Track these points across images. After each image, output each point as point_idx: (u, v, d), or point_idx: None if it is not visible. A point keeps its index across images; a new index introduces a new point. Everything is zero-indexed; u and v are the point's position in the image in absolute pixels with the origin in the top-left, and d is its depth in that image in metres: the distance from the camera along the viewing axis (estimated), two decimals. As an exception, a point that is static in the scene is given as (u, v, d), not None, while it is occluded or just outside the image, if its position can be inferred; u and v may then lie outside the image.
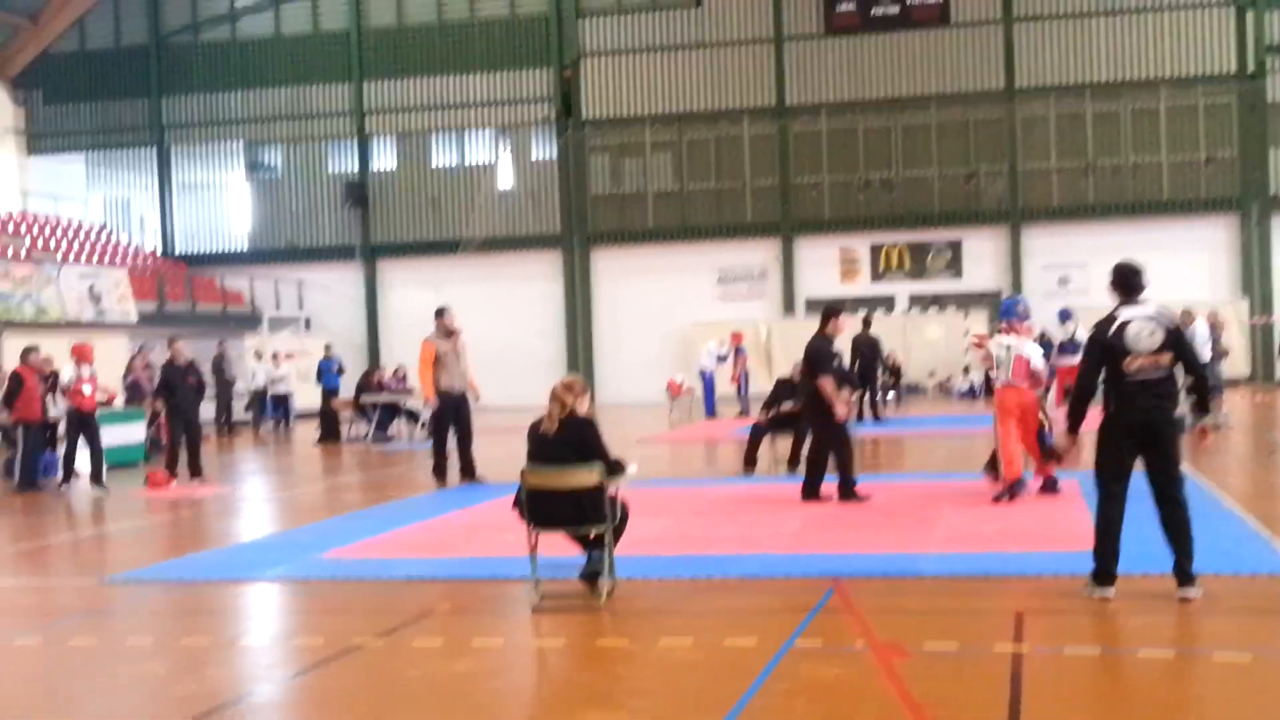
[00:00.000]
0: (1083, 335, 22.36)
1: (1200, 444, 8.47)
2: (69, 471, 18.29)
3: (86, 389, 18.10)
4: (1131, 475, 8.32)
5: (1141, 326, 8.20)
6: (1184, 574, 8.16)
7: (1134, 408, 8.18)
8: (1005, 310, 13.87)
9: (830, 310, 13.96)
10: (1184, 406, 10.91)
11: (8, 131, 41.44)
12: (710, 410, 29.47)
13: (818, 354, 13.44)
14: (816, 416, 13.56)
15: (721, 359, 29.61)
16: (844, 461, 13.29)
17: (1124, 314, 8.28)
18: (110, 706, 6.88)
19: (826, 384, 13.26)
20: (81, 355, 18.27)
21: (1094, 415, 8.42)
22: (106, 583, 10.36)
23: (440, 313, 16.87)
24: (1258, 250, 35.92)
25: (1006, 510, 12.36)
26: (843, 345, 24.79)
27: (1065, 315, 22.54)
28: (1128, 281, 8.43)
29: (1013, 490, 12.82)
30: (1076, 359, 22.44)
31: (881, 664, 6.92)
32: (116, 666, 7.70)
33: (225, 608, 9.58)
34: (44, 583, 11.24)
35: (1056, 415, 21.91)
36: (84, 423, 18.13)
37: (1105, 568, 8.27)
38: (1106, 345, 8.24)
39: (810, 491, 13.42)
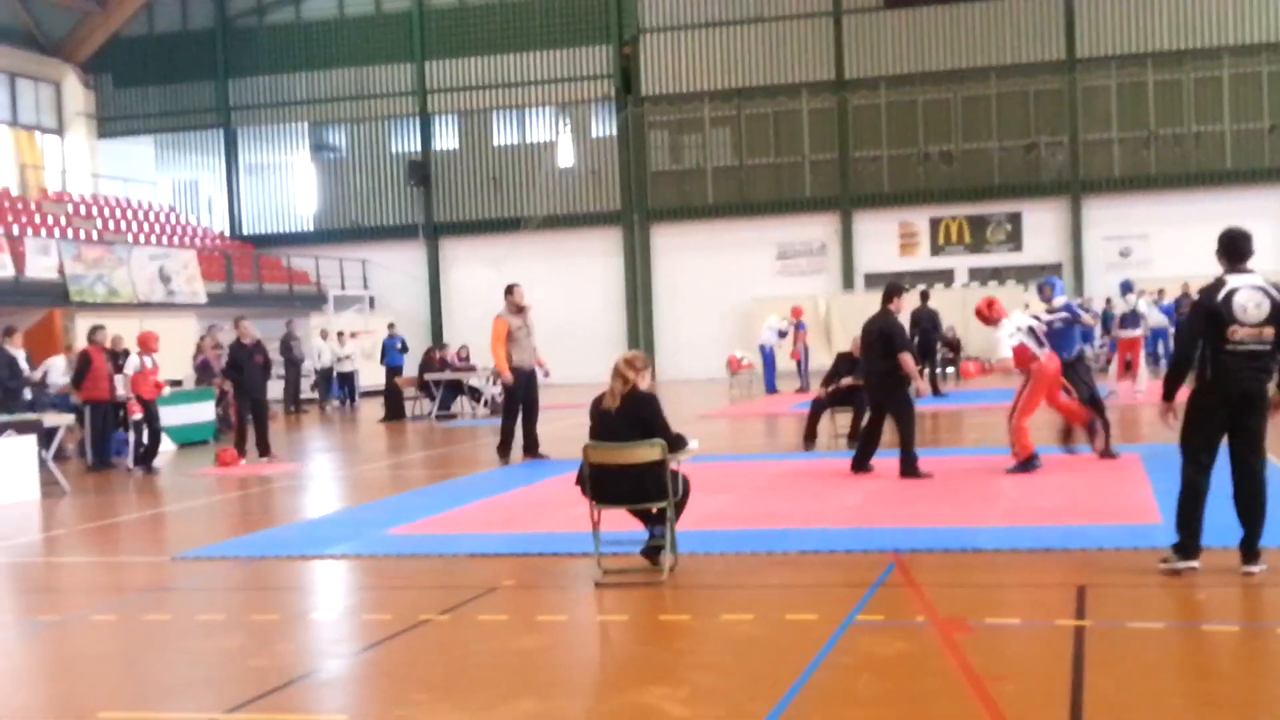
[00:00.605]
0: (1144, 308, 22.26)
1: (1272, 415, 8.28)
2: (138, 456, 18.55)
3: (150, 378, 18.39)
4: (1219, 447, 8.15)
5: (1249, 296, 7.94)
6: (1251, 549, 8.08)
7: (1234, 379, 7.95)
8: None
9: (893, 288, 13.93)
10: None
11: (79, 115, 41.98)
12: (770, 386, 29.45)
13: (891, 331, 13.38)
14: (882, 393, 13.54)
15: (782, 334, 29.55)
16: (907, 437, 13.29)
17: (1232, 282, 8.02)
18: (186, 680, 7.03)
19: (908, 360, 13.29)
20: (146, 346, 18.51)
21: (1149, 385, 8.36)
22: (177, 559, 10.57)
23: (510, 289, 16.92)
24: (1325, 220, 35.33)
25: (1067, 483, 12.30)
26: (902, 320, 24.73)
27: (1127, 287, 22.30)
28: (1236, 248, 8.15)
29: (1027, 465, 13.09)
30: (1138, 331, 22.43)
31: (943, 638, 6.93)
32: (190, 641, 7.88)
33: (293, 584, 9.75)
34: (117, 560, 11.49)
35: (1118, 388, 21.89)
36: (145, 409, 18.37)
37: (1190, 540, 8.11)
38: (1212, 312, 7.97)
39: (861, 464, 13.57)
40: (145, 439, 18.48)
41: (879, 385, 13.59)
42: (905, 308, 14.20)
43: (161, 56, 42.64)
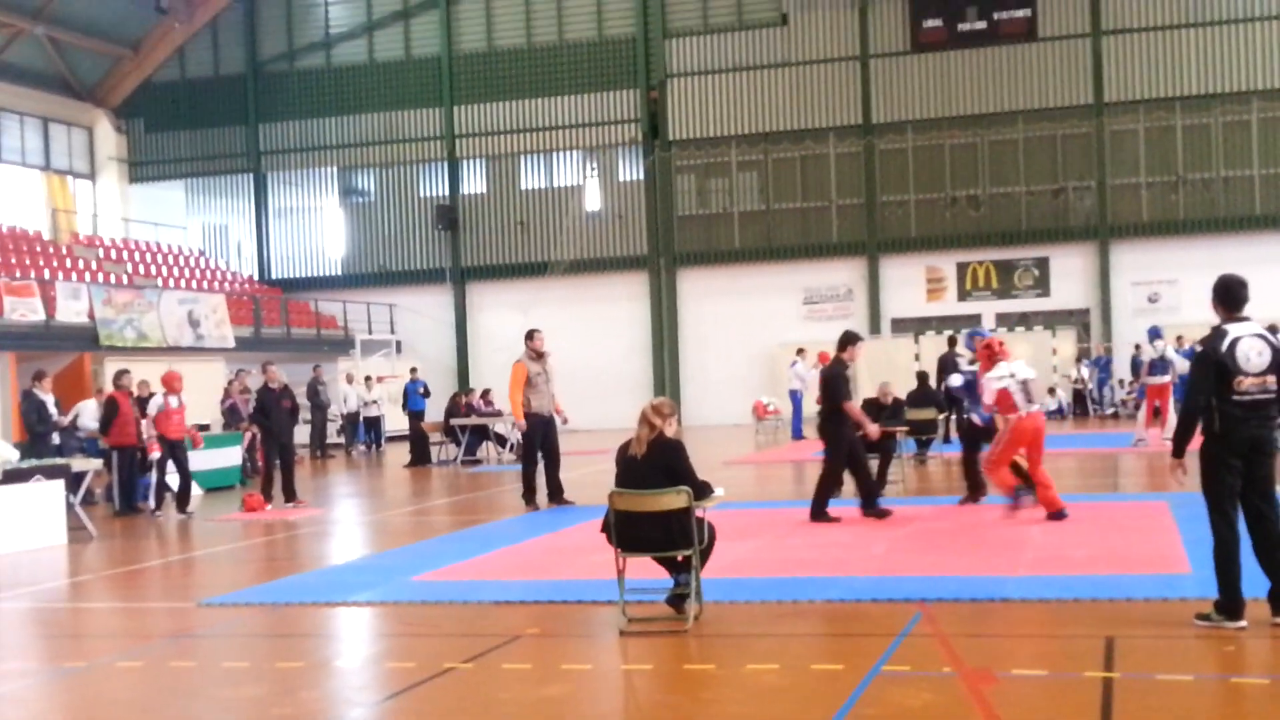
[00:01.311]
0: (1171, 354, 22.15)
1: None
2: (160, 498, 18.62)
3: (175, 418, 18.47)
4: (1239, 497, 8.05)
5: (1251, 345, 7.91)
6: None
7: (1242, 429, 7.89)
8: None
9: (845, 338, 14.40)
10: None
11: (110, 160, 42.42)
12: (797, 432, 29.40)
13: (831, 381, 13.94)
14: (824, 438, 14.15)
15: (802, 380, 29.63)
16: (823, 479, 13.91)
17: (1233, 331, 7.97)
18: (209, 728, 7.05)
19: (853, 409, 13.89)
20: (170, 385, 18.60)
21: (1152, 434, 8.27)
22: (203, 605, 10.59)
23: (531, 335, 17.03)
24: (1355, 265, 35.13)
25: (1095, 532, 12.22)
26: (928, 364, 24.72)
27: (1155, 334, 22.19)
28: (1234, 295, 8.10)
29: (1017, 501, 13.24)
30: (1166, 378, 22.32)
31: (970, 690, 6.89)
32: (215, 689, 7.89)
33: (318, 631, 9.75)
34: (142, 605, 11.50)
35: (1147, 435, 21.78)
36: (171, 450, 18.46)
37: (1233, 597, 7.94)
38: (1219, 363, 7.90)
39: (870, 507, 13.96)
40: (161, 480, 18.55)
41: (820, 427, 14.26)
42: (861, 358, 14.58)
43: (193, 102, 43.10)
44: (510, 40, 41.22)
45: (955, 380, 15.32)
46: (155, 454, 18.32)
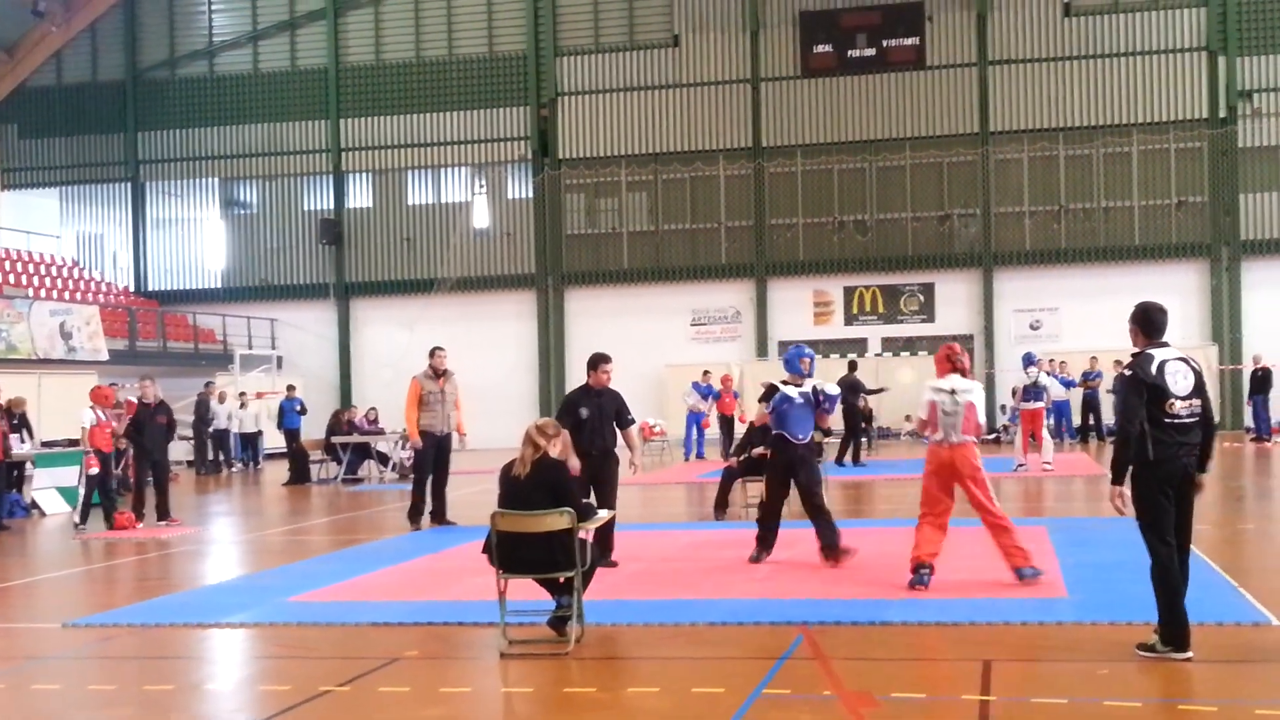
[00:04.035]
0: (1045, 380, 22.49)
1: (1197, 493, 8.22)
2: (85, 514, 18.09)
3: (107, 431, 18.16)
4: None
5: (1176, 368, 7.86)
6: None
7: (1174, 456, 7.81)
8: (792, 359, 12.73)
9: (590, 360, 13.03)
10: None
11: (-20, 166, 41.38)
12: (690, 453, 29.49)
13: (560, 405, 13.51)
14: None
15: (704, 395, 29.71)
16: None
17: (1159, 355, 7.90)
18: (70, 754, 6.81)
19: (565, 436, 13.02)
20: (101, 400, 18.27)
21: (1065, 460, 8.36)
22: (69, 626, 10.25)
23: (432, 353, 16.94)
24: (1228, 295, 36.18)
25: (975, 557, 12.31)
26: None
27: (1029, 360, 22.48)
28: (1153, 322, 8.04)
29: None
30: (1039, 404, 22.60)
31: (850, 712, 6.90)
32: (79, 712, 7.66)
33: (189, 653, 9.50)
34: (4, 626, 11.11)
35: (1026, 460, 22.10)
36: (104, 463, 18.03)
37: (1179, 628, 7.82)
38: (1152, 385, 7.80)
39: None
40: (95, 495, 18.09)
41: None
42: (608, 381, 13.00)
43: (70, 107, 42.18)
44: (398, 54, 40.92)
45: (793, 391, 12.60)
46: (94, 469, 17.94)
